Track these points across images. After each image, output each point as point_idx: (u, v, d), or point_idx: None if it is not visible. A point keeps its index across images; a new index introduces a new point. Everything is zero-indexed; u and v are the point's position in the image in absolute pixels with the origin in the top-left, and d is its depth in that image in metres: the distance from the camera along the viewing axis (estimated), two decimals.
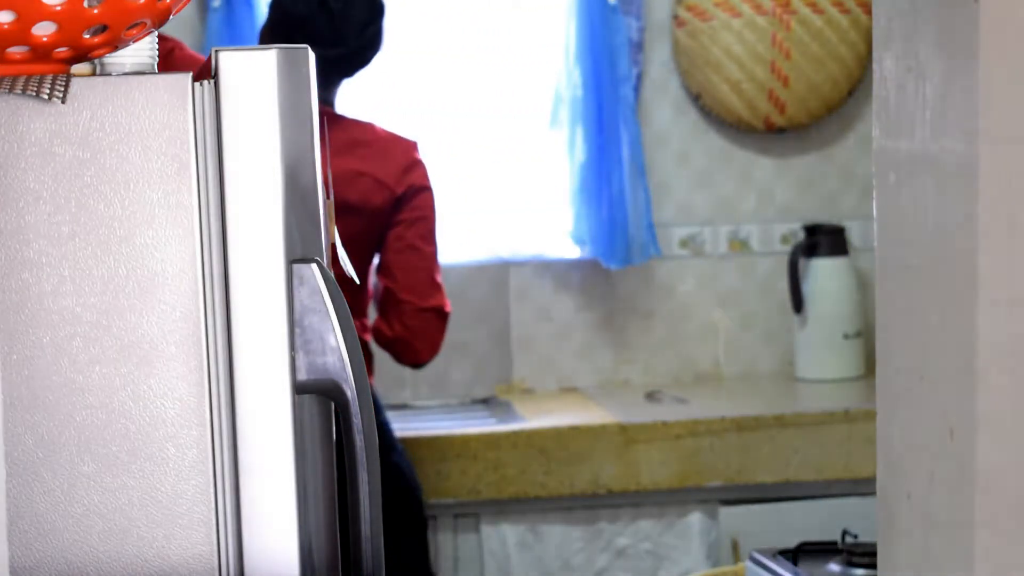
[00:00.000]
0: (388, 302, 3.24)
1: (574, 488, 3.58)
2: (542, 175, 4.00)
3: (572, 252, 4.05)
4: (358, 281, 1.78)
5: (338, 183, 3.12)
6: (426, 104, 3.95)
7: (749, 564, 2.54)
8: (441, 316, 3.25)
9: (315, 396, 1.49)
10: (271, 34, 3.21)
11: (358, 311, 3.24)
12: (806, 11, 3.99)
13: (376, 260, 3.27)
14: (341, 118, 3.23)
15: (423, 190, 3.22)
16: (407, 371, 3.92)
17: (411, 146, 3.23)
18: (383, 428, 3.27)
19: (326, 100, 3.22)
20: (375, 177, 3.17)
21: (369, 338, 3.29)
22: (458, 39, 3.99)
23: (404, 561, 3.27)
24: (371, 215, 3.17)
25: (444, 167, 3.85)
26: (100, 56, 1.52)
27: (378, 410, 3.27)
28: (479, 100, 4.00)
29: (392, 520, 3.20)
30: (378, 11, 3.22)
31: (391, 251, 3.21)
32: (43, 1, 1.41)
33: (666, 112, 4.10)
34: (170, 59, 2.92)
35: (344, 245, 3.13)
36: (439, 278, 3.26)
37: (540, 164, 4.00)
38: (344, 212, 3.13)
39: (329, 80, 3.21)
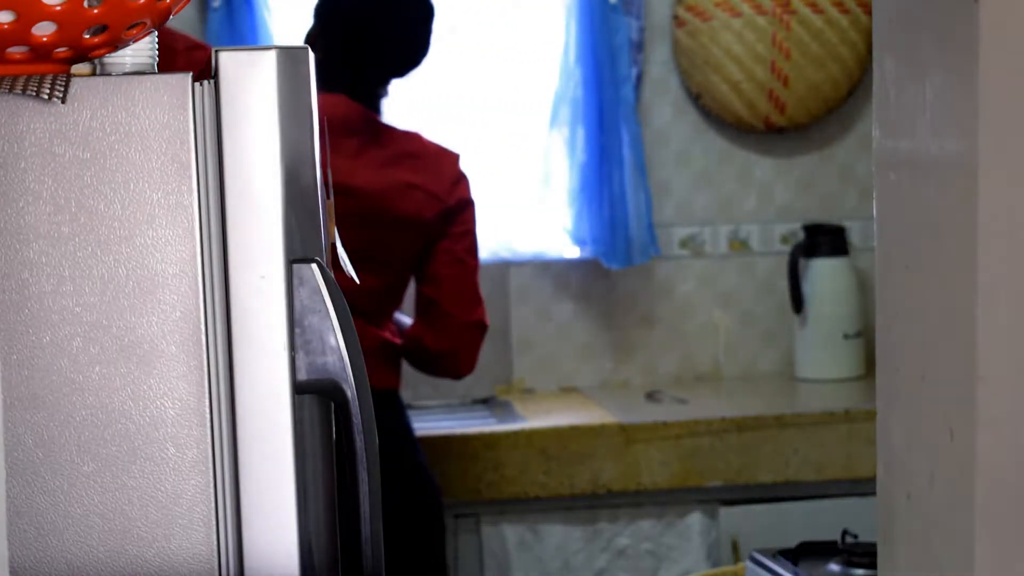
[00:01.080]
0: (432, 314, 3.22)
1: (574, 488, 3.58)
2: (542, 175, 4.00)
3: (572, 252, 4.05)
4: (358, 281, 1.77)
5: (390, 196, 3.10)
6: (426, 103, 3.95)
7: (749, 564, 2.54)
8: (481, 330, 3.25)
9: (315, 396, 1.49)
10: (321, 34, 3.17)
11: (387, 317, 3.23)
12: (806, 11, 3.99)
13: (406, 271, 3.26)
14: (391, 129, 3.20)
15: (469, 203, 3.21)
16: (407, 370, 3.92)
17: (457, 158, 3.22)
18: (407, 429, 3.26)
19: (374, 105, 3.19)
20: (427, 190, 3.15)
21: (398, 342, 3.26)
22: (458, 38, 3.99)
23: (422, 560, 3.24)
24: (422, 227, 3.15)
25: None
26: (100, 56, 1.52)
27: (402, 412, 3.26)
28: (479, 100, 4.00)
29: (414, 519, 3.18)
30: (430, 10, 3.20)
31: (439, 264, 3.19)
32: (43, 1, 1.41)
33: (666, 112, 4.10)
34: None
35: (394, 258, 3.12)
36: (480, 292, 3.25)
37: (540, 163, 4.00)
38: (396, 225, 3.11)
39: (380, 80, 3.18)
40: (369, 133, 3.15)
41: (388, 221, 3.12)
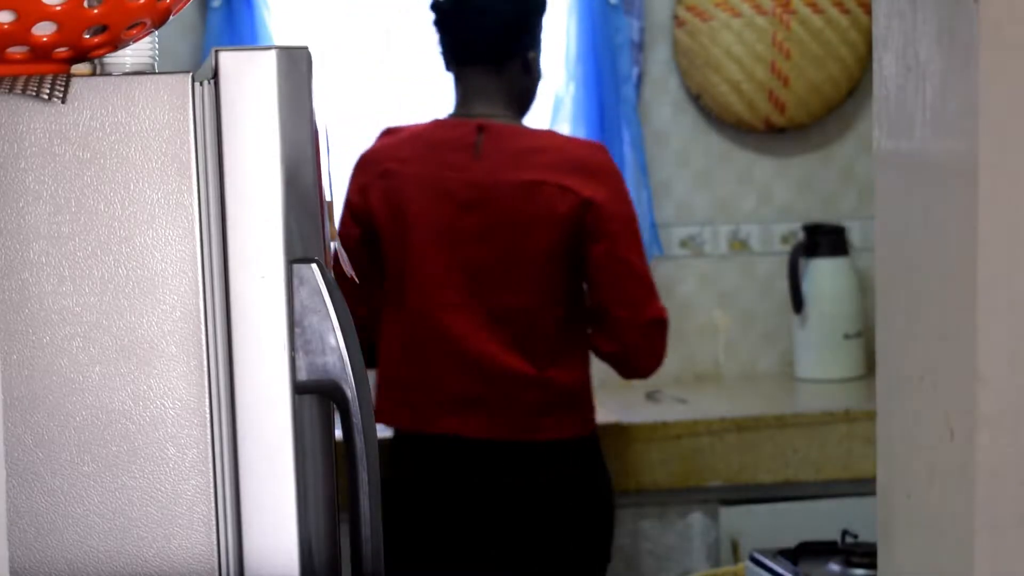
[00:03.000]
0: (598, 318, 3.08)
1: None
2: None
3: None
4: (357, 280, 1.77)
5: (518, 197, 2.98)
6: (426, 103, 3.94)
7: (749, 564, 2.54)
8: (656, 326, 3.09)
9: (315, 396, 1.49)
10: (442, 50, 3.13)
11: (554, 350, 3.08)
12: (806, 11, 3.99)
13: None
14: (511, 129, 3.07)
15: (615, 197, 3.04)
16: None
17: (592, 149, 3.10)
18: (606, 486, 3.17)
19: (493, 106, 3.10)
20: (557, 183, 3.00)
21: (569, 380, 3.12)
22: None
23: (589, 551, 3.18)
24: (558, 224, 3.00)
25: None
26: (100, 56, 1.52)
27: (599, 464, 3.15)
28: None
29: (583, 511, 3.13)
30: None
31: (595, 266, 3.03)
32: (43, 1, 1.41)
33: (666, 112, 4.10)
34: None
35: (539, 275, 3.02)
36: (652, 287, 3.09)
37: None
38: (532, 227, 2.99)
39: (483, 81, 3.10)
40: (486, 139, 3.05)
41: (523, 224, 3.00)
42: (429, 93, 3.96)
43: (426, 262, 3.03)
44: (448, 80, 3.18)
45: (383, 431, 3.28)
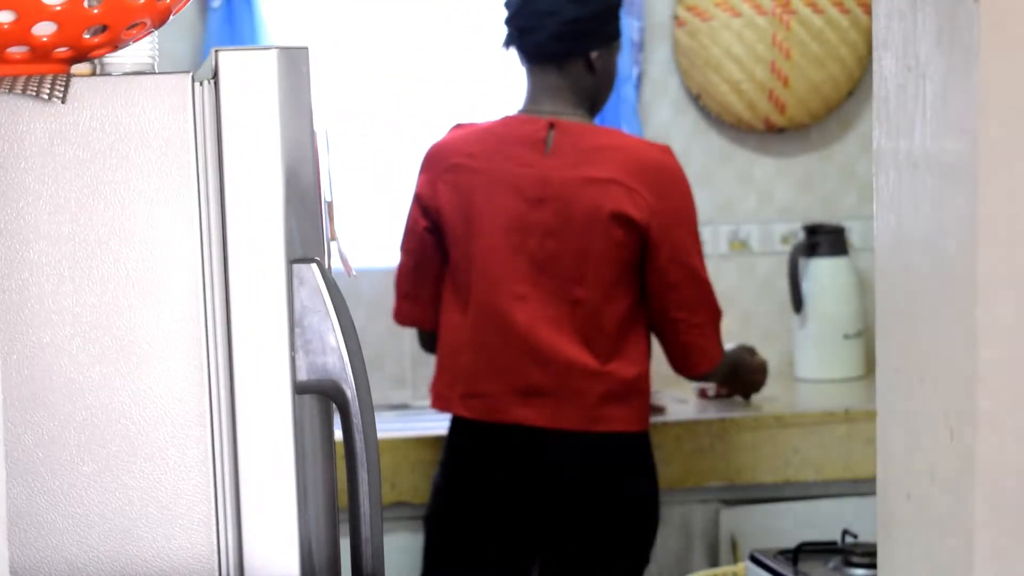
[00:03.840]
0: (658, 318, 3.11)
1: None
2: None
3: None
4: (353, 274, 1.76)
5: (584, 194, 3.00)
6: (427, 103, 3.95)
7: (749, 564, 2.54)
8: (712, 325, 3.12)
9: (315, 396, 1.49)
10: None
11: (614, 341, 3.10)
12: (806, 11, 3.99)
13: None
14: (579, 127, 3.09)
15: (682, 202, 3.08)
16: (407, 371, 3.92)
17: (661, 151, 3.10)
18: (644, 480, 3.18)
19: (561, 104, 3.13)
20: (625, 184, 3.02)
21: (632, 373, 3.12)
22: (459, 37, 3.99)
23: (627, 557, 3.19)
24: (624, 222, 3.02)
25: None
26: (100, 56, 1.52)
27: (642, 459, 3.16)
28: (479, 99, 4.00)
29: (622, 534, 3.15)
30: None
31: (654, 268, 3.05)
32: (43, 1, 1.41)
33: (666, 112, 4.10)
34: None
35: (596, 258, 3.04)
36: (709, 289, 3.12)
37: None
38: (597, 225, 3.00)
39: (553, 76, 3.12)
40: (556, 136, 3.07)
41: (590, 220, 3.02)
42: (428, 89, 3.97)
43: (493, 254, 3.06)
44: (521, 77, 3.20)
45: (436, 422, 3.30)
